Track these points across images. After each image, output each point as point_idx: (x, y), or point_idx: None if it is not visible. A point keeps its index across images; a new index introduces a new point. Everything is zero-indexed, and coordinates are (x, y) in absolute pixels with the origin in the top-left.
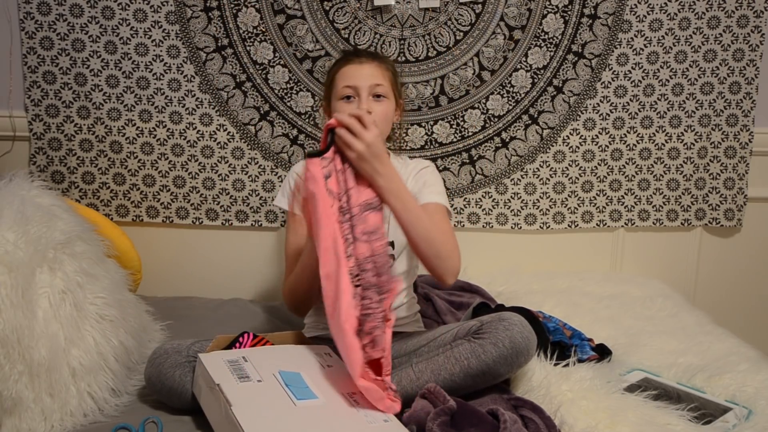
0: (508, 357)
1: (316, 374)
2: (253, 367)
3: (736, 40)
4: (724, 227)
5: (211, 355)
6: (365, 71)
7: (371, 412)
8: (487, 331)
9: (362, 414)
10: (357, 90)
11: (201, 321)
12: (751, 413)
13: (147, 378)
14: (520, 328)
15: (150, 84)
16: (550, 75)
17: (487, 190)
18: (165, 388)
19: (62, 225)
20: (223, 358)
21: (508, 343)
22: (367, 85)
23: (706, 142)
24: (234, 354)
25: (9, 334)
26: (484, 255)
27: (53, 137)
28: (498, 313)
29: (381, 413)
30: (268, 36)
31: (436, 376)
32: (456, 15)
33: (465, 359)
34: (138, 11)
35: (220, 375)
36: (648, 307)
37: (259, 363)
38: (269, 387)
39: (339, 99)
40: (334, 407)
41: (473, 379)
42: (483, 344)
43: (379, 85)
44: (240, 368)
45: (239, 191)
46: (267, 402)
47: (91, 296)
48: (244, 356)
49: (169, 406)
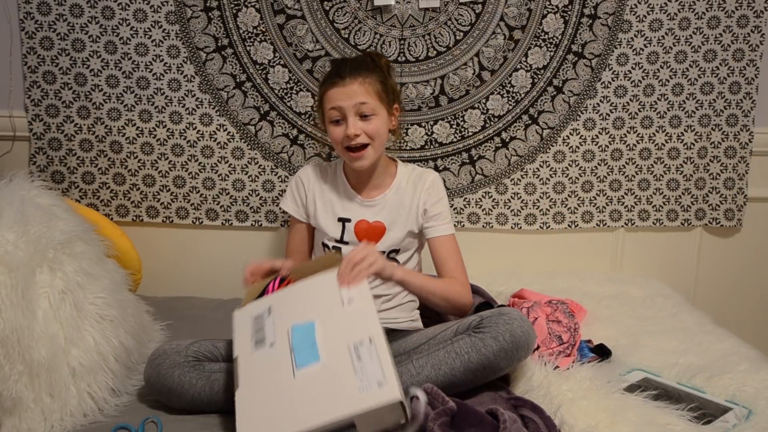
0: (508, 351)
1: (331, 318)
2: (272, 322)
3: (736, 40)
4: (724, 227)
5: (242, 312)
6: (348, 91)
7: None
8: (487, 326)
9: (358, 378)
10: (343, 112)
11: (201, 321)
12: (751, 413)
13: (146, 379)
14: (520, 322)
15: (150, 84)
16: (550, 75)
17: (487, 190)
18: (164, 388)
19: (62, 225)
20: (251, 314)
21: (509, 336)
22: (351, 106)
23: (706, 142)
24: (261, 306)
25: (9, 334)
26: (484, 255)
27: (53, 137)
28: (498, 308)
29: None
30: (268, 36)
31: (437, 370)
32: (456, 15)
33: (465, 353)
34: (138, 11)
35: (241, 340)
36: (648, 307)
37: (281, 313)
38: (278, 353)
39: (329, 122)
40: (331, 372)
41: (474, 373)
42: (483, 338)
43: (364, 103)
44: (260, 328)
45: (239, 191)
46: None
47: (91, 296)
48: (269, 306)
49: (169, 407)
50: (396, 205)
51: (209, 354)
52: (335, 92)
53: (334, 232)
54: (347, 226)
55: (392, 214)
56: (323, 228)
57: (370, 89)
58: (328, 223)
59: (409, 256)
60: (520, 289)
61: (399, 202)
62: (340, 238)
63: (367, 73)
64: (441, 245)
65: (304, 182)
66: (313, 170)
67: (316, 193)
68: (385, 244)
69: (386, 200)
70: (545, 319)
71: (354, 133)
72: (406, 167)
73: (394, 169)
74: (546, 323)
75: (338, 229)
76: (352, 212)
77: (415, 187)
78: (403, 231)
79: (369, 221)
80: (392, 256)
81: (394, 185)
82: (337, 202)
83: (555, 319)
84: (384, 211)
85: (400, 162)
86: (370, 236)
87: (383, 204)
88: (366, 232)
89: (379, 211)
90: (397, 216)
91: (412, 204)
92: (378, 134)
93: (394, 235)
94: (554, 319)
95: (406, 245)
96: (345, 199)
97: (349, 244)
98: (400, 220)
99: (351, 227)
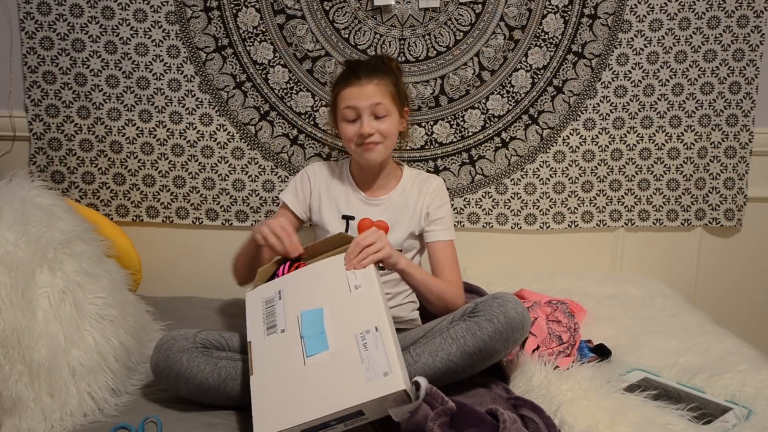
0: (503, 332)
1: (339, 305)
2: (283, 307)
3: (736, 40)
4: (724, 227)
5: (254, 294)
6: (365, 92)
7: (376, 362)
8: (482, 309)
9: (365, 367)
10: (358, 111)
11: (201, 321)
12: (751, 413)
13: (153, 365)
14: (513, 304)
15: (150, 84)
16: (550, 75)
17: (487, 190)
18: (173, 372)
19: (62, 225)
20: (262, 297)
21: (503, 318)
22: (367, 106)
23: (706, 142)
24: (272, 289)
25: (9, 334)
26: (484, 255)
27: (53, 137)
28: (492, 294)
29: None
30: (268, 36)
31: (434, 357)
32: (456, 15)
33: (461, 337)
34: (138, 11)
35: (254, 325)
36: (648, 307)
37: (291, 298)
38: (288, 340)
39: (343, 121)
40: (339, 360)
41: (471, 357)
42: (478, 321)
43: (379, 104)
44: (272, 312)
45: (239, 191)
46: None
47: (91, 296)
48: (279, 290)
49: (175, 395)
50: (400, 206)
51: (216, 343)
52: (351, 92)
53: (337, 229)
54: (351, 223)
55: (396, 215)
56: (326, 224)
57: (384, 90)
58: (331, 220)
59: (411, 257)
60: (520, 289)
61: (403, 203)
62: None
63: (382, 75)
64: (439, 250)
65: (311, 178)
66: (320, 167)
67: (321, 189)
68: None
69: (391, 200)
70: (545, 319)
71: (368, 132)
72: (411, 171)
73: (399, 172)
74: (546, 323)
75: (341, 226)
76: (357, 210)
77: (420, 190)
78: (406, 232)
79: (372, 220)
80: None
81: (400, 187)
82: (341, 200)
83: (555, 319)
84: (388, 210)
85: (406, 166)
86: None
87: (388, 203)
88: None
89: (383, 211)
90: (400, 217)
91: (416, 206)
92: (390, 134)
93: (397, 235)
94: (554, 319)
95: (407, 246)
96: (350, 197)
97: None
98: (404, 222)
99: (354, 225)
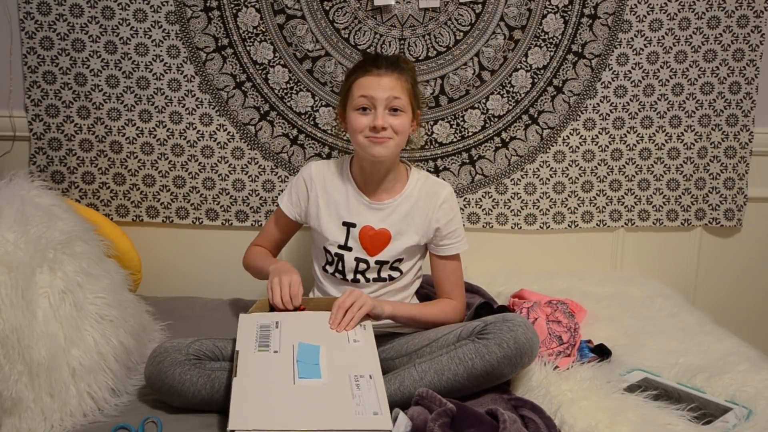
0: (512, 358)
1: (336, 349)
2: (279, 334)
3: (736, 40)
4: (724, 227)
5: (250, 317)
6: (384, 83)
7: (367, 401)
8: (492, 332)
9: (355, 402)
10: (374, 102)
11: (201, 321)
12: (751, 413)
13: (147, 377)
14: (524, 329)
15: (150, 84)
16: (550, 75)
17: (487, 190)
18: (165, 386)
19: (62, 225)
20: (258, 322)
21: (513, 344)
22: (384, 97)
23: (706, 142)
24: (270, 318)
25: (9, 334)
26: (484, 255)
27: (53, 137)
28: (502, 314)
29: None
30: (268, 36)
31: (440, 376)
32: (456, 15)
33: (469, 359)
34: (138, 11)
35: (244, 340)
36: (648, 307)
37: (288, 330)
38: (280, 360)
39: (355, 110)
40: (331, 390)
41: (476, 379)
42: (487, 345)
43: (397, 98)
44: (266, 335)
45: (239, 191)
46: (269, 378)
47: (91, 296)
48: (277, 321)
49: (169, 405)
50: (404, 214)
51: (210, 353)
52: (368, 80)
53: (337, 236)
54: (352, 231)
55: (400, 224)
56: (325, 232)
57: (404, 86)
58: (331, 227)
59: (413, 264)
60: (520, 290)
61: (408, 211)
62: (344, 244)
63: (402, 71)
64: (448, 265)
65: (307, 182)
66: (318, 169)
67: (319, 193)
68: (389, 254)
69: (395, 206)
70: (545, 319)
71: (381, 125)
72: (419, 173)
73: (406, 175)
74: (546, 323)
75: (342, 234)
76: (358, 216)
77: (428, 202)
78: (408, 242)
79: (375, 228)
80: (396, 264)
81: (405, 191)
82: (342, 204)
83: (555, 320)
84: (392, 217)
85: (414, 168)
86: (375, 243)
87: (392, 209)
88: (371, 238)
89: (386, 216)
90: (405, 227)
91: (424, 219)
92: (403, 131)
93: (400, 244)
94: (554, 319)
95: (410, 254)
96: (351, 201)
97: (352, 250)
98: (408, 232)
99: (356, 233)
